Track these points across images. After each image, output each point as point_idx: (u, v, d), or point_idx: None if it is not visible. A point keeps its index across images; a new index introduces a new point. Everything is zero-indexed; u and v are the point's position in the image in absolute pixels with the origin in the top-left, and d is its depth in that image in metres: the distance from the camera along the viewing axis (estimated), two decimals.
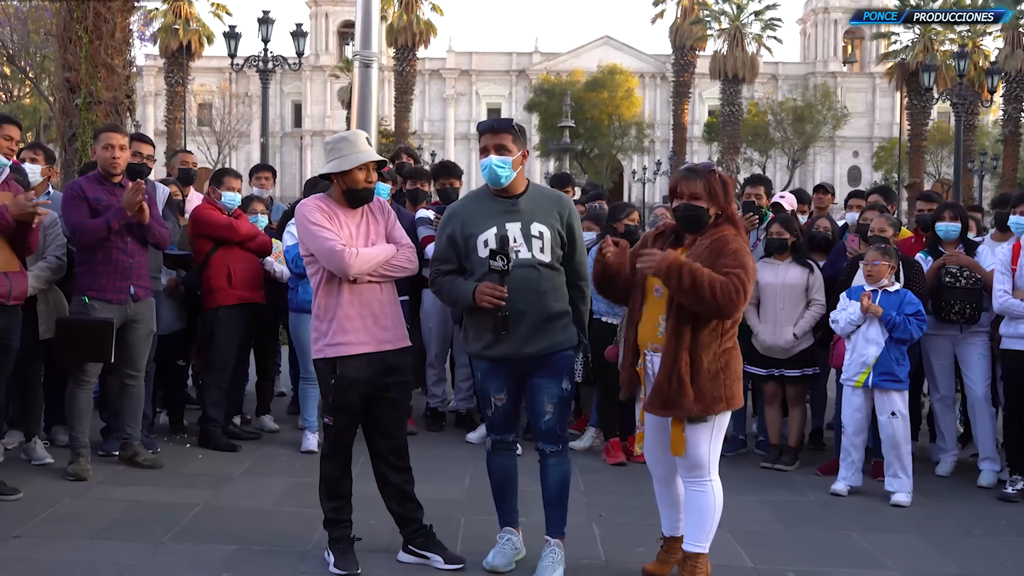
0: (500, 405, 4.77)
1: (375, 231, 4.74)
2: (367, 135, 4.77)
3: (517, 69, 77.98)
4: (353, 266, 4.53)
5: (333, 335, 4.61)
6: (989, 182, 52.57)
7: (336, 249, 4.51)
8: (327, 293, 4.65)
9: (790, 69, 77.46)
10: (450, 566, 4.81)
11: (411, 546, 4.89)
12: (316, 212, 4.61)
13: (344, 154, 4.63)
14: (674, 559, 4.78)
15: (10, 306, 5.70)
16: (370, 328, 4.64)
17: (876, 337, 6.37)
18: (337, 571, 4.67)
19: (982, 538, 5.68)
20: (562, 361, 4.70)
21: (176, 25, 49.79)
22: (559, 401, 4.70)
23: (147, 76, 67.75)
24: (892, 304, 6.37)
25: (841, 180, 74.85)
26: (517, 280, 4.51)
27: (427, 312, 7.83)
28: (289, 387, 8.95)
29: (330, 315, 4.63)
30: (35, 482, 6.08)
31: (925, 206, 7.77)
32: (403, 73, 52.01)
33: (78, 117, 10.55)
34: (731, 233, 4.43)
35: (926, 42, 48.52)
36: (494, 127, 4.66)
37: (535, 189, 4.79)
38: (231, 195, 7.34)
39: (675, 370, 4.36)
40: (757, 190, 8.08)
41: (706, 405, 4.39)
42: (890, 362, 6.34)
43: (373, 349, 4.65)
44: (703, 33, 54.86)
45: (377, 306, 4.67)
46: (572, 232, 4.73)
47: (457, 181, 7.96)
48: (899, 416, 6.33)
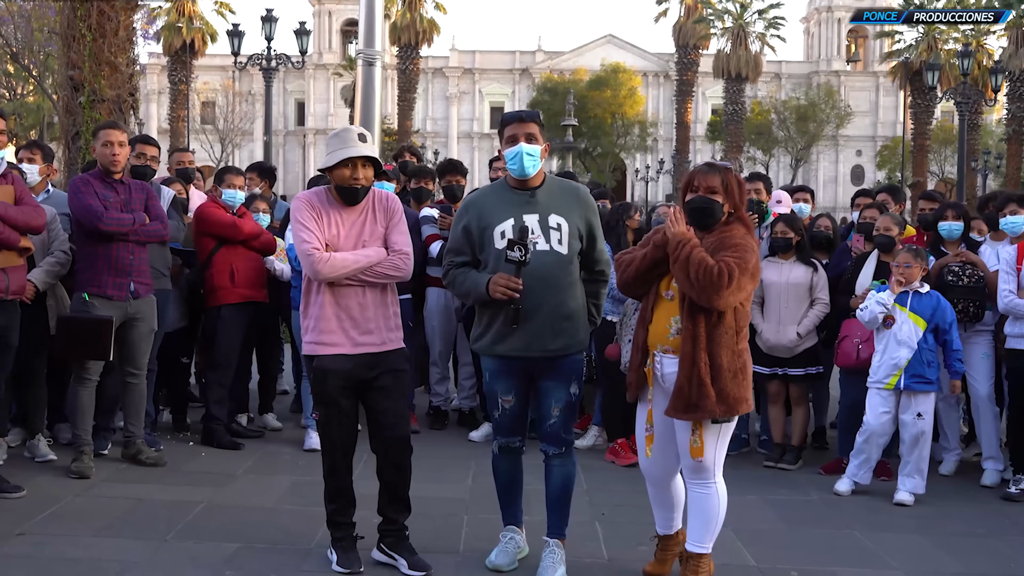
0: (508, 408, 4.72)
1: (370, 231, 4.65)
2: (363, 131, 4.66)
3: (520, 68, 77.95)
4: (322, 271, 4.50)
5: (311, 333, 4.62)
6: (993, 181, 52.51)
7: (307, 252, 4.48)
8: (308, 291, 4.66)
9: (793, 68, 77.38)
10: (413, 572, 4.72)
11: (383, 544, 4.86)
12: (304, 209, 4.58)
13: (332, 150, 4.59)
14: (671, 556, 4.77)
15: (8, 301, 5.69)
16: (347, 330, 4.59)
17: (908, 339, 6.32)
18: (340, 569, 4.66)
19: (986, 537, 5.67)
20: (571, 365, 4.65)
21: (179, 23, 49.85)
22: (566, 406, 4.66)
23: (150, 74, 67.89)
24: (925, 307, 6.34)
25: (844, 179, 74.88)
26: (534, 272, 4.45)
27: (430, 310, 7.83)
28: (292, 385, 8.95)
29: (310, 312, 4.64)
30: (38, 480, 6.08)
31: (927, 205, 7.78)
32: (406, 71, 52.01)
33: (82, 115, 10.55)
34: (740, 232, 4.44)
35: (930, 41, 48.47)
36: (522, 117, 4.63)
37: (552, 181, 4.75)
38: (231, 192, 7.34)
39: (695, 372, 4.34)
40: (756, 185, 8.06)
41: (729, 406, 4.37)
42: (922, 364, 6.30)
43: (349, 351, 4.59)
44: (706, 32, 54.90)
45: (357, 309, 4.60)
46: (591, 224, 4.68)
47: (463, 179, 7.96)
48: (925, 417, 6.31)
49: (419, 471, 4.93)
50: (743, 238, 4.41)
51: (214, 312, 7.22)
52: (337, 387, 4.60)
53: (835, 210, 58.66)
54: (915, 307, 6.36)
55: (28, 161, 6.96)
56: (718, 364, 4.35)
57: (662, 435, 4.62)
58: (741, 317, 4.44)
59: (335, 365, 4.58)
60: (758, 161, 59.18)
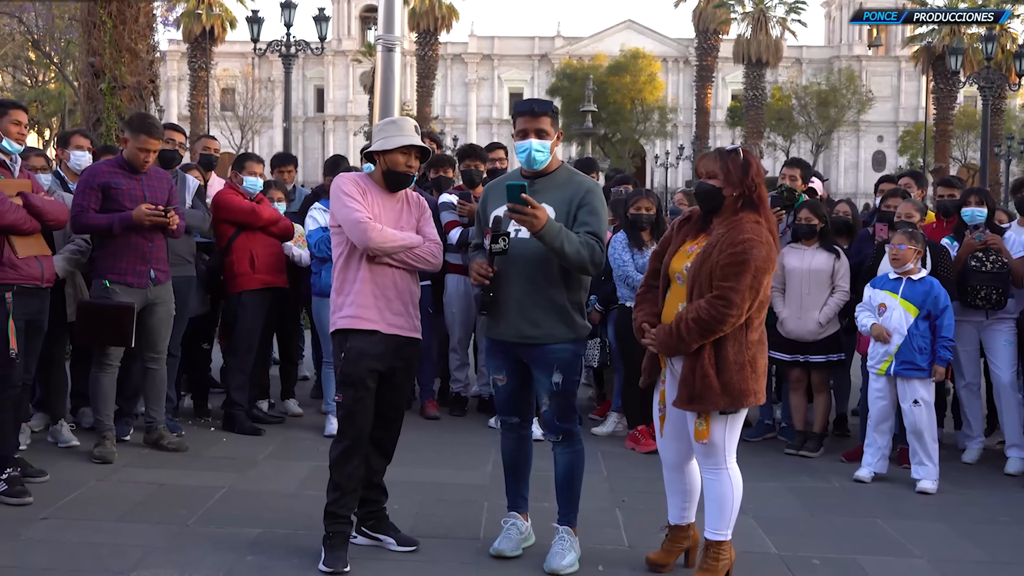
0: (501, 386, 4.79)
1: (406, 220, 4.76)
2: (416, 123, 4.80)
3: (539, 53, 77.75)
4: (374, 239, 4.54)
5: (347, 308, 4.64)
6: (1016, 166, 52.10)
7: (359, 220, 4.54)
8: (346, 267, 4.68)
9: (814, 53, 76.87)
10: (403, 548, 4.82)
11: (364, 527, 4.89)
12: (350, 184, 4.65)
13: (389, 135, 4.68)
14: (679, 548, 4.74)
15: (44, 288, 5.76)
16: (382, 310, 4.65)
17: (899, 326, 6.31)
18: (325, 569, 4.57)
19: (1009, 525, 5.64)
20: (552, 355, 4.59)
21: (199, 10, 49.98)
22: (552, 395, 4.63)
23: (170, 61, 67.98)
24: (917, 293, 6.30)
25: (866, 165, 74.42)
26: (513, 260, 4.49)
27: (450, 297, 7.83)
28: (312, 371, 8.97)
29: (347, 289, 4.66)
30: (61, 464, 6.13)
31: (946, 192, 7.67)
32: (425, 57, 51.98)
33: (103, 102, 10.59)
34: (749, 222, 4.32)
35: (952, 25, 48.01)
36: (534, 110, 4.61)
37: (563, 172, 4.71)
38: (253, 180, 7.34)
39: (698, 363, 4.31)
40: (793, 172, 7.79)
41: (734, 398, 4.33)
42: (912, 351, 6.28)
43: (383, 330, 4.65)
44: (727, 16, 54.51)
45: (392, 290, 4.68)
46: (583, 207, 4.54)
47: (482, 164, 7.93)
48: (922, 404, 6.27)
49: (439, 457, 4.97)
50: (751, 230, 4.29)
51: (234, 298, 7.24)
52: (368, 368, 4.62)
53: (856, 196, 58.30)
54: (907, 294, 6.32)
55: (78, 148, 7.09)
56: (724, 356, 4.31)
57: (673, 417, 4.60)
58: (755, 308, 4.35)
59: (369, 348, 4.61)
60: (778, 147, 58.83)
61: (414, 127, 4.76)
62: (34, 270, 5.63)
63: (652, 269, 4.67)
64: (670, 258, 4.54)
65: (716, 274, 4.26)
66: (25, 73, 37.64)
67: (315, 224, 7.07)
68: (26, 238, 5.59)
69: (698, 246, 4.43)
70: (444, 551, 4.89)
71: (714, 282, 4.26)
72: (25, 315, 5.61)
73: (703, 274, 4.30)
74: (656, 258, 4.65)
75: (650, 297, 4.63)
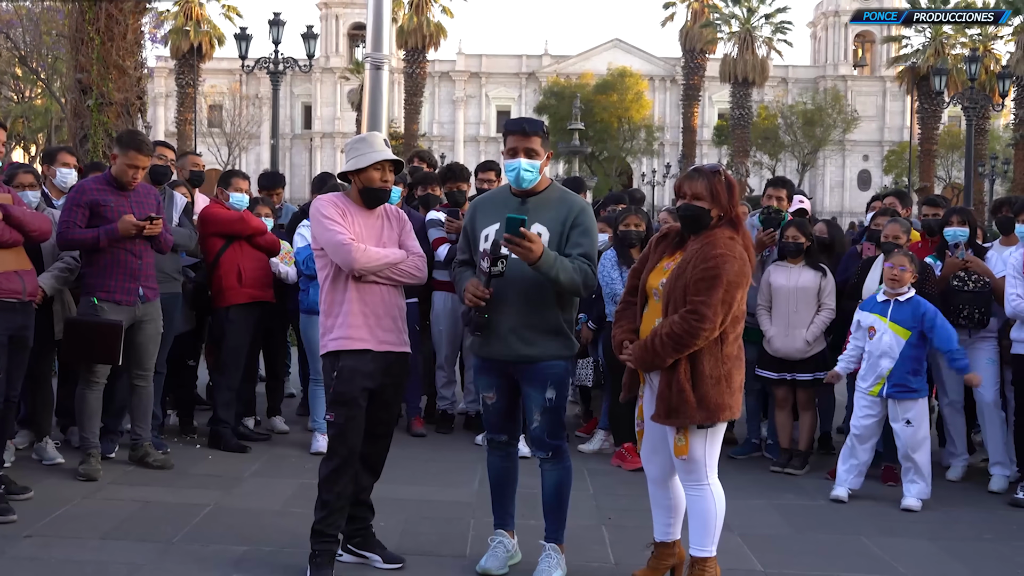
0: (490, 404, 4.79)
1: (388, 236, 4.77)
2: (385, 137, 4.84)
3: (527, 71, 78.00)
4: (358, 260, 4.54)
5: (337, 330, 4.64)
6: (1000, 186, 52.41)
7: (343, 242, 4.54)
8: (333, 289, 4.68)
9: (800, 72, 77.32)
10: (389, 566, 4.81)
11: (350, 545, 4.88)
12: (330, 207, 4.65)
13: (361, 153, 4.69)
14: (665, 565, 4.74)
15: (26, 302, 5.73)
16: (373, 328, 4.65)
17: (889, 350, 6.32)
18: None
19: (993, 542, 5.67)
20: (546, 371, 4.61)
21: (187, 27, 50.02)
22: (543, 411, 4.64)
23: (158, 77, 67.82)
24: (905, 315, 6.31)
25: (851, 184, 74.82)
26: (507, 280, 4.48)
27: (437, 314, 7.84)
28: (299, 389, 8.96)
29: (335, 311, 4.66)
30: (46, 482, 6.09)
31: (930, 211, 7.73)
32: (413, 75, 52.07)
33: (90, 118, 10.60)
34: (723, 237, 4.35)
35: (937, 46, 48.34)
36: (525, 129, 4.61)
37: (554, 190, 4.71)
38: (239, 196, 7.35)
39: (675, 377, 4.34)
40: (779, 192, 7.75)
41: (710, 412, 4.34)
42: (905, 374, 6.30)
43: (375, 348, 4.65)
44: (713, 36, 54.83)
45: (381, 307, 4.68)
46: (576, 228, 4.56)
47: (464, 184, 7.96)
48: (914, 424, 6.30)
49: (426, 475, 4.96)
50: (724, 246, 4.31)
51: (222, 313, 7.24)
52: (361, 387, 4.62)
53: (842, 215, 58.64)
54: (896, 316, 6.33)
55: (64, 166, 7.07)
56: (699, 370, 4.33)
57: (652, 432, 4.61)
58: (729, 322, 4.37)
59: (362, 367, 4.61)
60: (764, 166, 59.07)
61: (384, 140, 4.78)
62: (14, 284, 5.59)
63: (631, 285, 4.70)
64: (647, 274, 4.57)
65: (689, 289, 4.29)
66: (12, 89, 37.54)
67: (303, 242, 7.07)
68: (2, 253, 5.54)
69: (674, 262, 4.46)
70: (430, 569, 4.89)
71: (688, 297, 4.29)
72: (8, 330, 5.57)
73: (677, 290, 4.33)
74: (635, 275, 4.68)
75: (628, 313, 4.66)
